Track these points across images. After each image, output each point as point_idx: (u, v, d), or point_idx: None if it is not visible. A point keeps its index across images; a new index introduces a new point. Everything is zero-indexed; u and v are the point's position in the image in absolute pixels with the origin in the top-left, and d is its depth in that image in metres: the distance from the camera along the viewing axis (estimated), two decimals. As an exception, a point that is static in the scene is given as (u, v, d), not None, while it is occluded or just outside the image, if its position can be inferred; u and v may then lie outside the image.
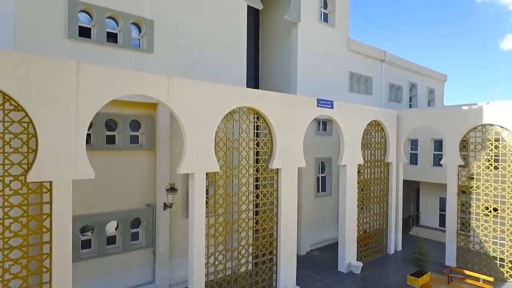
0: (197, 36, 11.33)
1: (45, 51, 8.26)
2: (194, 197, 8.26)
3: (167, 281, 10.50)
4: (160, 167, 10.23)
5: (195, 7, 11.30)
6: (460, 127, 13.02)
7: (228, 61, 12.16)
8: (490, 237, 12.37)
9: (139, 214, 10.22)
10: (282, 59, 15.50)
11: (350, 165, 12.67)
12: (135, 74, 7.53)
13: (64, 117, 6.36)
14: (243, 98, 9.36)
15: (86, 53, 9.02)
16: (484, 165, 12.51)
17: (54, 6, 8.59)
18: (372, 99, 18.74)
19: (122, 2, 9.75)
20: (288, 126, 10.35)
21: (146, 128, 10.22)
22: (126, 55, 9.84)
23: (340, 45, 16.84)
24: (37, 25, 8.34)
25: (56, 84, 6.27)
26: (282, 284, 10.35)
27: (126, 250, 9.96)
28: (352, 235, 12.75)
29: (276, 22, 15.77)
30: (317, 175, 15.69)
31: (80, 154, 6.55)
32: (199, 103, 8.32)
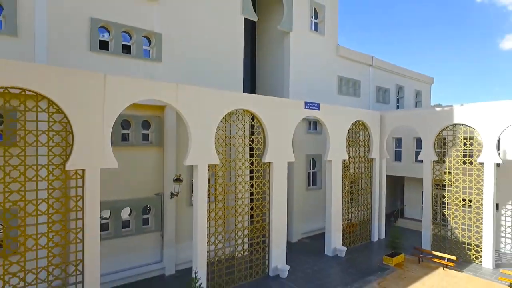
0: (200, 46, 12.89)
1: (72, 62, 9.82)
2: (198, 185, 9.81)
3: (174, 261, 12.05)
4: (168, 161, 11.78)
5: (198, 21, 12.86)
6: (434, 126, 14.59)
7: (226, 68, 13.72)
8: (460, 224, 13.93)
9: (149, 202, 11.78)
10: (276, 65, 17.06)
11: (336, 160, 14.22)
12: (149, 83, 9.09)
13: (94, 118, 7.90)
14: (239, 102, 10.91)
15: (105, 63, 10.58)
16: (454, 160, 14.07)
17: (79, 23, 10.16)
18: (360, 101, 20.29)
19: (135, 19, 11.31)
20: (279, 126, 11.90)
21: (155, 127, 11.78)
22: (139, 64, 11.40)
23: (329, 51, 18.40)
24: (65, 40, 9.90)
25: (88, 91, 7.82)
26: (273, 263, 11.90)
27: (138, 233, 11.52)
28: (337, 223, 14.30)
29: (271, 32, 17.32)
30: (308, 171, 17.25)
31: (106, 148, 8.10)
32: (202, 105, 9.87)
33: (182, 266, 12.20)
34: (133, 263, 11.27)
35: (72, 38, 10.07)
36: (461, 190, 13.87)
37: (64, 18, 9.92)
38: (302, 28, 16.91)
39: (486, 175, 13.03)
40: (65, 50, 9.89)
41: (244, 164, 11.37)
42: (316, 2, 17.59)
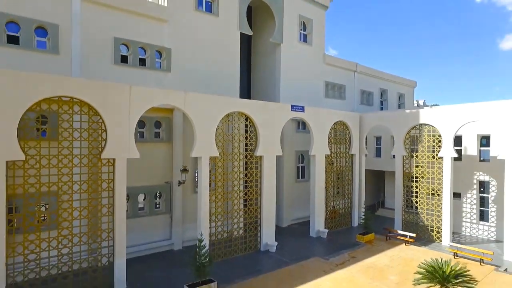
0: (202, 58, 15.24)
1: (99, 74, 12.17)
2: (202, 172, 12.16)
3: (181, 239, 14.40)
4: (175, 154, 14.14)
5: (200, 37, 15.21)
6: (404, 126, 16.94)
7: (225, 76, 16.07)
8: (425, 210, 16.28)
9: (160, 189, 14.13)
10: (269, 72, 19.40)
11: (319, 155, 16.57)
12: (163, 91, 11.44)
13: (122, 119, 10.24)
14: (235, 105, 13.26)
15: (126, 74, 12.93)
16: (421, 155, 16.43)
17: (105, 42, 12.51)
18: (345, 103, 22.65)
19: (149, 36, 13.66)
20: (268, 125, 14.24)
21: (165, 126, 14.13)
22: (152, 74, 13.75)
23: (316, 59, 20.75)
24: (94, 56, 12.26)
25: (118, 98, 10.16)
26: (264, 240, 14.24)
27: (151, 215, 13.86)
28: (320, 209, 16.64)
29: (264, 43, 19.65)
30: (297, 165, 19.61)
31: (131, 142, 10.43)
32: (204, 108, 12.20)
33: (188, 243, 14.53)
34: (147, 239, 13.60)
35: (100, 54, 12.43)
36: (426, 181, 16.23)
37: (93, 38, 12.27)
38: (292, 39, 19.26)
39: (445, 168, 15.39)
40: (94, 64, 12.24)
41: (239, 157, 13.72)
42: (304, 16, 19.93)
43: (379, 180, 24.34)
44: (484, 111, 14.23)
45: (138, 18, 13.42)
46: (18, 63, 10.63)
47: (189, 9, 14.89)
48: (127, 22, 13.14)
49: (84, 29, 12.06)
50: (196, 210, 12.71)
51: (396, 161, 17.42)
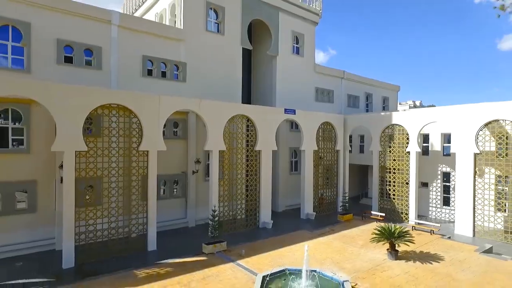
0: (211, 70, 18.47)
1: (131, 85, 15.39)
2: (213, 162, 15.39)
3: (194, 218, 17.62)
4: (190, 149, 17.37)
5: (209, 53, 18.45)
6: (379, 125, 20.20)
7: (229, 84, 19.31)
8: (396, 197, 19.53)
9: (177, 177, 17.35)
10: (266, 81, 22.64)
11: (308, 150, 19.81)
12: (184, 99, 14.68)
13: (153, 120, 13.46)
14: (238, 109, 16.49)
15: (151, 84, 16.16)
16: (393, 150, 19.69)
17: (136, 60, 15.75)
18: (333, 106, 25.91)
19: (169, 53, 16.89)
20: (265, 125, 17.46)
21: (181, 126, 17.36)
22: (171, 84, 16.98)
23: (308, 69, 24.01)
24: (127, 71, 15.49)
25: (151, 105, 13.38)
26: (262, 219, 17.49)
27: (170, 198, 17.08)
28: (309, 195, 19.87)
29: (262, 55, 22.87)
30: (290, 160, 22.86)
31: (160, 138, 13.65)
32: (214, 112, 15.41)
33: (200, 222, 17.75)
34: (167, 218, 16.79)
35: (131, 68, 15.67)
36: (398, 172, 19.49)
37: (126, 56, 15.51)
38: (286, 52, 22.51)
39: (412, 161, 18.64)
40: (127, 77, 15.48)
41: (242, 151, 16.96)
42: (296, 31, 23.18)
43: (364, 173, 27.59)
44: (440, 114, 17.51)
45: (161, 39, 16.66)
46: (73, 77, 13.86)
47: (201, 30, 18.13)
48: (152, 42, 16.38)
49: (120, 49, 15.31)
50: (206, 195, 15.96)
51: (373, 156, 20.69)
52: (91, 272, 10.95)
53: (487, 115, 15.69)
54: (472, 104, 16.50)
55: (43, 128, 13.28)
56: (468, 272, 11.06)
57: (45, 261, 12.09)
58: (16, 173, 12.79)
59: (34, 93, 10.89)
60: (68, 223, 11.59)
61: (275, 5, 21.62)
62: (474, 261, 12.03)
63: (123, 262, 11.90)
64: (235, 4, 19.61)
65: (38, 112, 13.02)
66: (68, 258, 11.54)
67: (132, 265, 11.59)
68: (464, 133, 16.42)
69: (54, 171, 13.44)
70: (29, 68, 13.04)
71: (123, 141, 13.30)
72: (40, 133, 13.26)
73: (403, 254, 12.39)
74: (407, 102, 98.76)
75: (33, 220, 13.21)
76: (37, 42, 13.21)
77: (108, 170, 12.83)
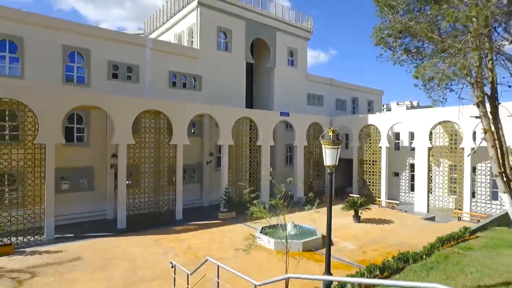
0: (221, 81, 22.98)
1: (160, 95, 19.91)
2: (223, 155, 19.91)
3: (208, 200, 22.15)
4: (205, 144, 21.90)
5: (219, 67, 22.96)
6: (357, 125, 24.66)
7: (235, 92, 23.82)
8: (372, 184, 24.01)
9: (195, 166, 21.88)
10: (266, 88, 27.14)
11: (299, 145, 24.30)
12: (202, 105, 19.22)
13: (181, 121, 17.98)
14: (243, 113, 20.99)
15: (175, 94, 20.68)
16: (369, 146, 24.17)
17: (163, 74, 20.29)
18: (323, 109, 30.40)
19: (188, 68, 21.41)
20: (265, 125, 21.96)
21: (198, 126, 21.89)
22: (190, 92, 21.50)
23: (301, 78, 28.50)
24: (157, 83, 20.02)
25: (179, 110, 17.90)
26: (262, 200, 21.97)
27: (189, 183, 21.60)
28: (300, 181, 24.37)
29: (262, 68, 27.36)
30: (286, 154, 27.36)
31: (185, 135, 18.16)
32: (225, 115, 19.91)
33: (213, 203, 22.26)
34: (187, 198, 21.25)
35: (160, 81, 20.20)
36: (373, 164, 23.97)
37: (157, 72, 20.03)
38: (282, 64, 27.00)
39: (383, 154, 23.10)
40: (157, 89, 20.01)
41: (246, 146, 21.47)
42: (291, 47, 27.68)
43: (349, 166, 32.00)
44: (403, 117, 21.97)
45: (182, 57, 21.19)
46: (118, 89, 18.38)
47: (213, 49, 22.66)
48: (175, 60, 20.90)
49: (152, 67, 19.84)
50: (218, 181, 20.46)
51: (353, 151, 25.18)
52: (141, 229, 15.49)
53: (436, 118, 20.16)
54: (426, 109, 20.97)
55: (98, 128, 17.82)
56: (408, 229, 15.56)
57: (103, 225, 16.62)
58: (79, 161, 17.33)
59: (101, 103, 15.43)
60: (122, 197, 16.11)
61: (273, 25, 26.12)
62: (415, 224, 16.54)
63: (161, 225, 16.43)
64: (240, 26, 24.12)
65: (94, 116, 17.57)
66: (122, 221, 16.06)
67: (170, 225, 16.14)
68: (421, 132, 20.89)
69: (106, 159, 17.97)
70: (89, 83, 17.59)
71: (155, 137, 17.84)
72: (96, 131, 17.80)
73: (365, 220, 16.89)
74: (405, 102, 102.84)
75: (91, 196, 17.74)
76: (94, 63, 17.76)
77: (144, 159, 17.36)
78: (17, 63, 15.70)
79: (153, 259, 11.22)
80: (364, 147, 24.72)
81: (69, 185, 17.14)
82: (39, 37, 16.03)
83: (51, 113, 13.93)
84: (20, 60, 15.69)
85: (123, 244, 12.90)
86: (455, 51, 7.31)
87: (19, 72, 15.66)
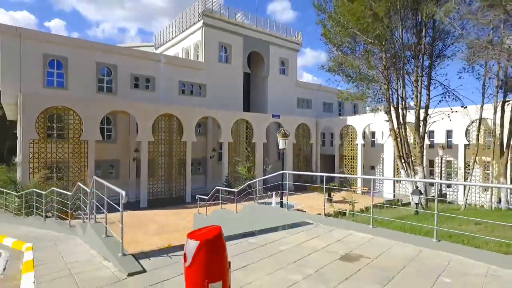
0: (222, 88, 27.26)
1: (172, 101, 24.19)
2: (224, 151, 24.19)
3: (211, 188, 26.41)
4: (208, 142, 26.20)
5: (221, 76, 27.24)
6: (339, 126, 28.91)
7: (234, 98, 28.11)
8: (347, 174, 28.26)
9: (200, 160, 26.19)
10: (261, 94, 31.41)
11: (289, 143, 28.55)
12: (207, 110, 23.51)
13: (190, 122, 22.24)
14: (241, 116, 25.28)
15: (184, 99, 24.97)
16: (348, 144, 28.43)
17: (174, 83, 24.60)
18: (312, 111, 34.65)
19: (195, 78, 25.71)
20: (258, 126, 26.23)
21: (202, 126, 26.18)
22: (196, 98, 25.79)
23: (291, 84, 32.76)
24: (169, 91, 24.33)
25: (189, 113, 22.17)
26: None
27: (195, 174, 25.87)
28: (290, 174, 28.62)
29: (258, 76, 31.63)
30: (277, 151, 31.60)
31: (193, 133, 22.43)
32: (226, 118, 24.17)
33: (214, 191, 26.52)
34: (193, 187, 25.52)
35: (172, 89, 24.49)
36: (351, 158, 28.22)
37: (169, 82, 24.32)
38: (275, 73, 31.27)
39: (358, 150, 27.34)
40: (169, 95, 24.30)
41: (243, 143, 25.74)
42: (283, 57, 31.94)
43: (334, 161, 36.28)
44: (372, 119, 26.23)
45: (190, 69, 25.47)
46: (138, 96, 22.66)
47: (215, 62, 26.94)
48: (184, 71, 25.18)
49: (165, 77, 24.12)
50: (219, 173, 24.71)
51: (335, 147, 29.44)
52: (159, 206, 19.76)
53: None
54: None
55: (122, 128, 22.11)
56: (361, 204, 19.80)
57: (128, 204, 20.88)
58: (108, 155, 21.61)
59: (130, 109, 19.73)
60: (144, 182, 20.40)
61: (267, 40, 30.40)
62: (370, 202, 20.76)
63: (175, 204, 20.70)
64: (239, 42, 28.39)
65: (120, 119, 21.86)
66: (144, 200, 20.33)
67: (182, 204, 20.43)
68: (386, 131, 25.09)
69: (129, 153, 22.25)
70: (116, 92, 21.89)
71: (168, 136, 22.11)
72: (121, 131, 22.09)
73: (335, 201, 21.16)
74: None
75: (116, 183, 21.98)
76: (120, 76, 22.05)
77: (159, 154, 21.62)
78: (62, 78, 20.00)
79: (174, 222, 15.55)
80: (344, 144, 28.99)
81: (101, 173, 21.42)
82: (79, 57, 20.32)
83: (92, 117, 18.23)
84: (64, 75, 19.99)
85: (150, 214, 17.23)
86: (372, 79, 11.61)
87: (64, 84, 19.96)
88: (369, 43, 11.58)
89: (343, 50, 12.19)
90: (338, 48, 12.41)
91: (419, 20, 11.56)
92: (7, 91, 18.08)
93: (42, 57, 19.06)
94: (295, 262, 4.58)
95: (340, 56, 12.19)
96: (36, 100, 16.89)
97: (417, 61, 11.45)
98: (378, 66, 11.64)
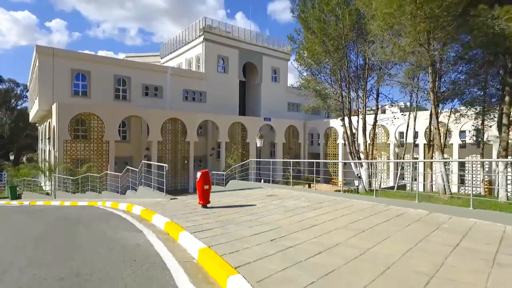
0: (220, 95, 31.17)
1: (178, 107, 28.09)
2: (222, 149, 28.09)
3: (210, 182, 30.35)
4: (208, 141, 30.11)
5: (220, 84, 31.16)
6: (323, 128, 32.85)
7: (231, 104, 32.02)
8: (331, 168, 32.18)
9: (201, 158, 30.09)
10: (255, 100, 35.33)
11: (279, 142, 32.47)
12: (206, 114, 27.43)
13: (192, 125, 26.13)
14: (237, 119, 29.19)
15: (187, 105, 28.87)
16: (331, 143, 32.35)
17: (179, 92, 28.51)
18: (300, 115, 38.52)
19: (197, 86, 29.62)
20: (252, 128, 30.12)
21: (203, 128, 30.08)
22: (197, 104, 29.70)
23: (282, 90, 36.69)
24: (175, 98, 28.23)
25: (192, 118, 26.06)
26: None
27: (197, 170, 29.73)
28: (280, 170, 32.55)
29: (252, 83, 35.54)
30: (270, 149, 35.55)
31: (194, 134, 26.33)
32: (223, 121, 28.05)
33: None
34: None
35: (177, 97, 28.39)
36: (334, 156, 32.12)
37: (175, 90, 28.23)
38: (267, 80, 35.19)
39: (340, 150, 31.25)
40: (175, 102, 28.19)
41: (238, 142, 29.66)
42: (274, 66, 35.87)
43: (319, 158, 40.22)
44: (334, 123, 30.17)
45: (192, 79, 29.38)
46: (149, 103, 26.54)
47: (214, 72, 30.86)
48: (188, 81, 29.09)
49: (171, 86, 28.02)
50: (218, 168, 28.61)
51: (321, 147, 33.37)
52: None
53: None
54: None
55: (135, 130, 26.00)
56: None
57: (141, 195, 24.78)
58: (123, 152, 25.46)
59: (143, 115, 23.61)
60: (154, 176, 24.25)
61: (260, 51, 34.34)
62: (350, 194, 24.73)
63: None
64: (235, 54, 32.31)
65: (133, 122, 25.74)
66: (155, 192, 24.23)
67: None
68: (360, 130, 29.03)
69: (141, 151, 26.12)
70: (129, 99, 25.79)
71: (173, 136, 25.99)
72: (134, 132, 25.98)
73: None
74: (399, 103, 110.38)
75: (131, 177, 25.89)
76: (133, 86, 25.94)
77: (166, 152, 25.50)
78: (85, 88, 23.89)
79: (181, 205, 19.44)
80: (328, 144, 32.92)
81: (117, 168, 25.28)
82: (100, 70, 24.21)
83: (112, 121, 22.10)
84: (87, 86, 23.88)
85: (161, 201, 21.12)
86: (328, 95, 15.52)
87: (87, 94, 23.85)
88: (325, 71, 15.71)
89: (312, 72, 16.14)
90: (308, 69, 16.35)
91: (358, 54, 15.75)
92: (43, 99, 21.97)
93: (70, 71, 22.95)
94: (245, 197, 8.80)
95: (307, 76, 16.14)
96: (69, 107, 20.77)
97: (364, 82, 15.38)
98: (334, 86, 15.56)
